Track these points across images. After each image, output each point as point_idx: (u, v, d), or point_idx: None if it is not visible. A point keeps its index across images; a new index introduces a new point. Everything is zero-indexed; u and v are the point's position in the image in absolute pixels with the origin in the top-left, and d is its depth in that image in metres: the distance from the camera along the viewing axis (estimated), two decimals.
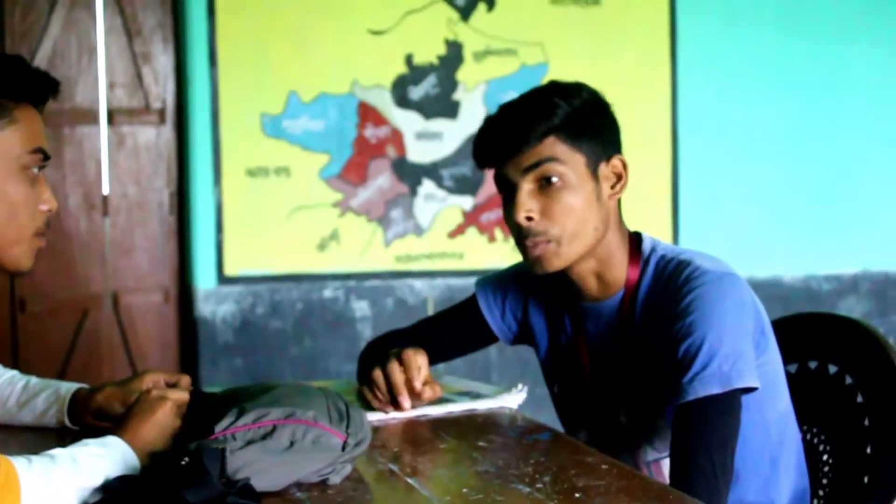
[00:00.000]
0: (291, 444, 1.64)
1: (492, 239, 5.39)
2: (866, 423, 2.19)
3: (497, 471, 1.73)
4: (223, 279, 5.11)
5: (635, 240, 2.14)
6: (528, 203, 2.01)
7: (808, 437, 2.32)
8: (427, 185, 5.32)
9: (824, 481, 2.28)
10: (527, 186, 2.01)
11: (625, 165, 2.08)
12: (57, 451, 1.56)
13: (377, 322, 5.28)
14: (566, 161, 2.00)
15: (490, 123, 2.08)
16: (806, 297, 5.62)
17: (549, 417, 2.31)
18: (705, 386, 1.90)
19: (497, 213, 5.37)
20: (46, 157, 1.76)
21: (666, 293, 2.03)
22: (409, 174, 5.30)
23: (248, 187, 5.12)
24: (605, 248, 2.08)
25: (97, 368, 5.00)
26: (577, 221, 2.02)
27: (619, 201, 2.11)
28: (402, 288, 5.32)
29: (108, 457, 1.60)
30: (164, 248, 5.19)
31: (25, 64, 1.75)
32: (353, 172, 5.23)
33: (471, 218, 5.38)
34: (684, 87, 5.44)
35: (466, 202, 5.37)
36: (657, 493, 1.60)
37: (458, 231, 5.37)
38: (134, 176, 5.08)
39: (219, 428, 1.64)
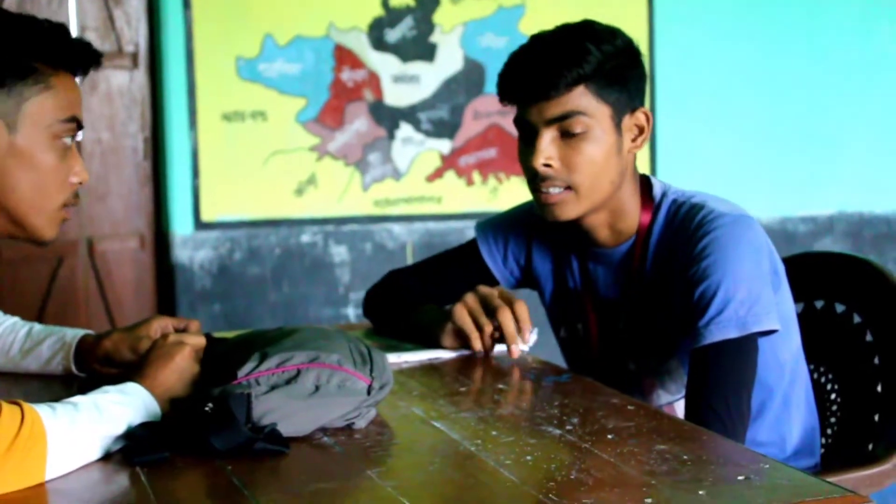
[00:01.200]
0: (316, 388, 1.61)
1: (470, 182, 5.36)
2: (876, 361, 2.19)
3: (523, 413, 1.72)
4: (200, 225, 5.06)
5: (646, 185, 2.11)
6: (548, 150, 1.98)
7: (815, 376, 2.32)
8: (405, 129, 5.28)
9: (832, 420, 2.29)
10: (549, 134, 1.98)
11: (648, 118, 2.04)
12: (78, 399, 1.53)
13: (356, 267, 5.25)
14: (592, 114, 1.96)
15: (518, 61, 2.00)
16: (782, 238, 5.64)
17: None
18: (721, 330, 1.89)
19: (475, 157, 5.34)
20: (80, 127, 1.72)
21: (679, 237, 2.01)
22: (387, 118, 5.25)
23: (223, 132, 5.06)
24: (619, 199, 2.06)
25: (73, 315, 4.94)
26: (596, 173, 1.99)
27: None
28: (380, 232, 5.29)
29: (129, 404, 1.57)
30: (139, 194, 5.12)
31: (67, 32, 1.70)
32: (329, 116, 5.18)
33: (449, 161, 5.34)
34: (661, 26, 5.41)
35: (444, 146, 5.33)
36: (689, 433, 1.58)
37: (437, 175, 5.33)
38: (107, 121, 5.00)
39: (242, 373, 1.61)
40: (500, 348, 2.15)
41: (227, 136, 5.06)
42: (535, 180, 2.02)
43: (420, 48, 5.27)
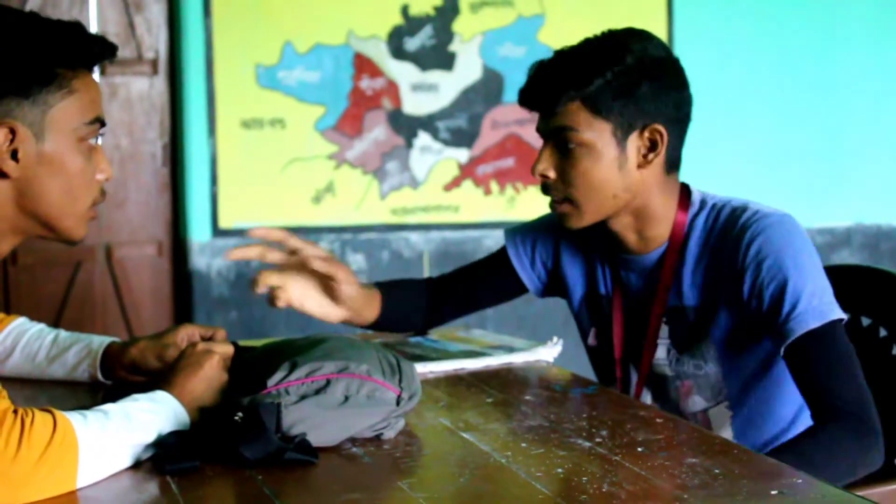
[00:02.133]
0: (346, 398, 1.61)
1: (487, 192, 5.36)
2: None
3: (551, 425, 1.71)
4: (218, 232, 5.06)
5: (685, 192, 2.11)
6: (544, 162, 2.03)
7: None
8: (423, 138, 5.28)
9: None
10: (548, 147, 2.04)
11: (662, 136, 2.01)
12: (109, 407, 1.53)
13: (372, 275, 5.24)
14: (587, 129, 1.97)
15: (532, 72, 2.05)
16: None
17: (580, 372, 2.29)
18: (801, 323, 1.88)
19: (493, 166, 5.35)
20: (103, 125, 1.71)
21: (724, 239, 2.01)
22: (405, 126, 5.25)
23: (242, 139, 5.06)
24: (643, 209, 2.05)
25: (90, 321, 4.95)
26: (592, 188, 2.00)
27: (667, 162, 2.05)
28: (397, 241, 5.29)
29: (159, 412, 1.57)
30: (157, 201, 5.13)
31: (83, 31, 1.69)
32: (348, 124, 5.18)
33: (466, 170, 5.34)
34: (680, 40, 5.40)
35: (462, 155, 5.33)
36: (720, 446, 1.58)
37: (454, 184, 5.33)
38: (126, 127, 5.01)
39: (271, 382, 1.61)
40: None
41: (245, 144, 5.06)
42: (543, 189, 2.08)
43: (439, 57, 5.27)
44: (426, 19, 5.24)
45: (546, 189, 2.06)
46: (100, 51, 1.69)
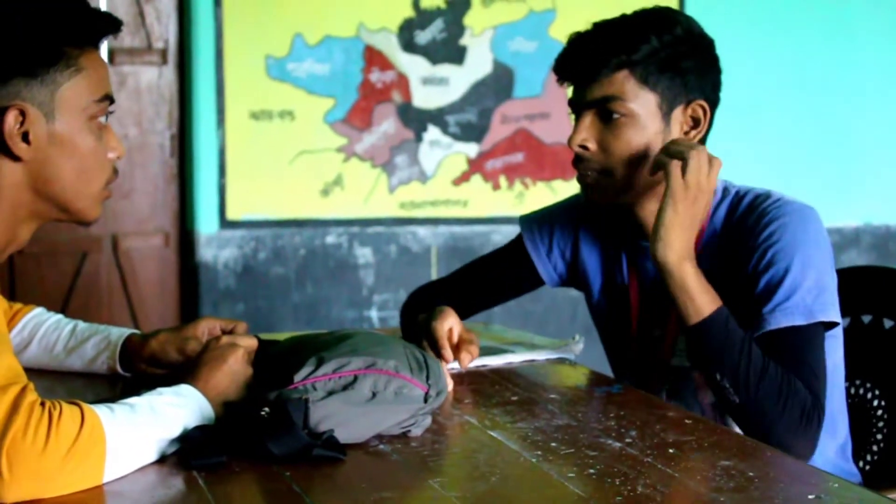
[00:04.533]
0: (373, 394, 1.59)
1: (496, 187, 5.34)
2: None
3: (579, 425, 1.69)
4: (225, 223, 5.04)
5: None
6: (584, 132, 1.99)
7: (861, 391, 2.30)
8: (432, 132, 5.26)
9: (878, 436, 2.26)
10: (588, 117, 1.99)
11: (705, 112, 2.01)
12: (135, 400, 1.50)
13: (380, 269, 5.23)
14: (633, 99, 1.95)
15: (573, 42, 2.02)
16: None
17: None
18: (787, 316, 1.87)
19: (502, 161, 5.33)
20: (112, 102, 1.69)
21: (743, 225, 1.99)
22: (415, 120, 5.23)
23: (251, 130, 5.04)
24: None
25: (96, 312, 4.93)
26: (633, 159, 1.98)
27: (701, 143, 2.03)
28: (405, 235, 5.27)
29: (185, 406, 1.55)
30: (164, 192, 5.10)
31: (87, 6, 1.66)
32: (357, 117, 5.16)
33: (476, 165, 5.32)
34: None
35: (471, 149, 5.31)
36: (751, 449, 1.56)
37: (463, 178, 5.31)
38: (135, 117, 4.99)
39: (298, 377, 1.59)
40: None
41: (254, 135, 5.04)
42: (575, 161, 2.03)
43: (450, 51, 5.25)
44: (437, 13, 5.21)
45: (579, 161, 2.01)
46: (104, 26, 1.66)
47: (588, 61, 1.97)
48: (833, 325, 1.92)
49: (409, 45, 5.19)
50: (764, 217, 1.95)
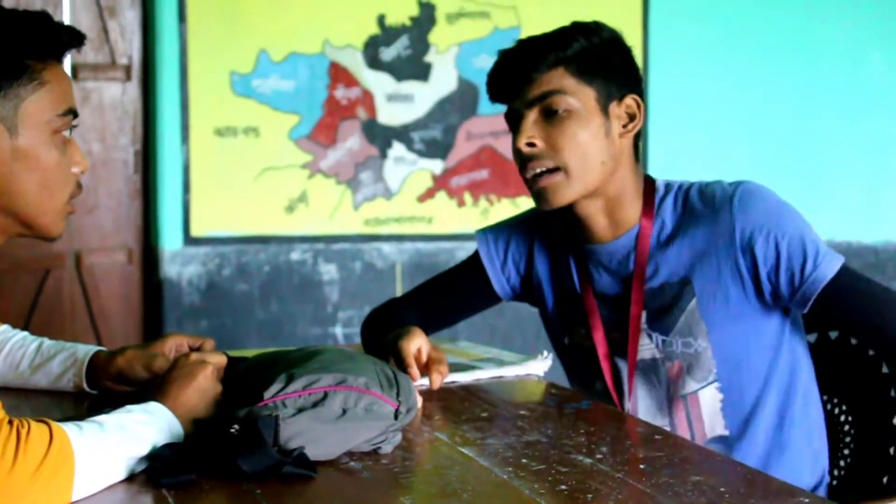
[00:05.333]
0: (344, 411, 1.59)
1: (461, 203, 5.34)
2: (892, 394, 2.18)
3: (549, 441, 1.69)
4: (189, 240, 5.02)
5: (649, 181, 2.14)
6: (530, 130, 2.02)
7: (829, 407, 2.31)
8: (397, 148, 5.25)
9: (846, 451, 2.27)
10: (532, 115, 2.02)
11: (639, 105, 2.08)
12: (103, 418, 1.49)
13: (345, 286, 5.22)
14: (574, 93, 2.01)
15: (504, 55, 2.08)
16: None
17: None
18: (829, 265, 1.98)
19: (467, 178, 5.33)
20: (76, 116, 1.68)
21: (706, 208, 2.07)
22: (380, 136, 5.23)
23: (215, 147, 5.02)
24: (616, 185, 2.08)
25: (58, 329, 4.88)
26: (583, 153, 2.02)
27: (636, 144, 2.11)
28: (370, 252, 5.26)
29: (153, 424, 1.54)
30: (128, 208, 5.07)
31: (50, 20, 1.65)
32: (322, 134, 5.15)
33: (441, 182, 5.32)
34: (655, 56, 5.40)
35: (436, 166, 5.31)
36: (720, 464, 1.57)
37: (428, 195, 5.31)
38: (99, 133, 4.96)
39: (268, 394, 1.58)
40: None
41: (218, 152, 5.02)
42: (524, 166, 2.05)
43: (415, 67, 5.25)
44: (402, 29, 5.22)
45: (527, 163, 2.04)
46: (68, 40, 1.65)
47: (524, 64, 2.02)
48: None
49: (374, 62, 5.19)
50: (733, 198, 2.07)
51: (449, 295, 2.40)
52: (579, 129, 2.01)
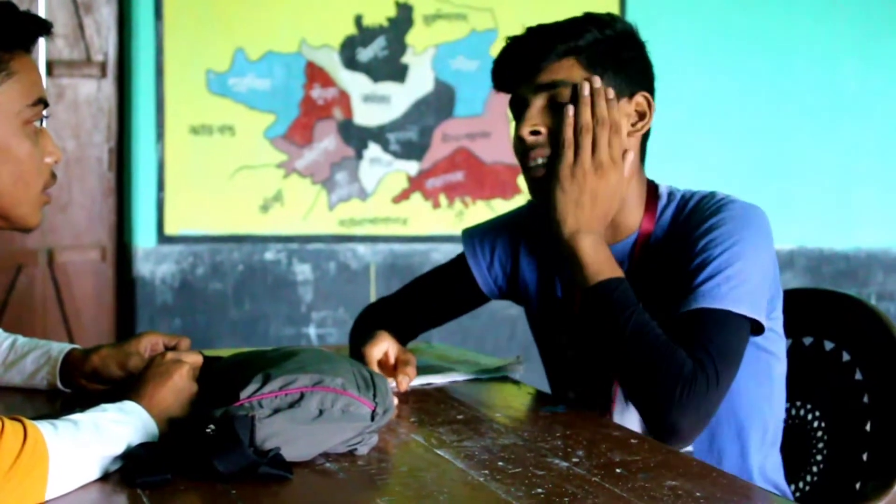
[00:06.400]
0: (320, 412, 1.58)
1: (436, 205, 5.34)
2: (865, 400, 2.19)
3: (526, 444, 1.69)
4: (163, 238, 5.00)
5: (652, 186, 2.08)
6: (535, 118, 1.96)
7: (802, 412, 2.31)
8: (373, 149, 5.25)
9: (818, 457, 2.28)
10: (538, 103, 1.97)
11: (650, 104, 2.02)
12: (78, 417, 1.48)
13: (319, 286, 5.21)
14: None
15: (513, 41, 2.01)
16: None
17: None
18: (698, 299, 1.85)
19: (442, 179, 5.33)
20: (46, 105, 1.67)
21: (688, 225, 1.98)
22: (356, 137, 5.23)
23: (191, 145, 5.01)
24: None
25: (29, 326, 4.85)
26: None
27: (643, 147, 2.05)
28: (344, 252, 5.25)
29: (128, 423, 1.53)
30: (102, 205, 5.05)
31: (15, 9, 1.64)
32: (298, 133, 5.14)
33: (416, 183, 5.32)
34: None
35: (412, 167, 5.31)
36: (697, 469, 1.57)
37: (403, 196, 5.31)
38: (73, 130, 4.93)
39: (244, 394, 1.57)
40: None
41: (193, 150, 5.01)
42: (525, 156, 1.99)
43: (391, 68, 5.25)
44: (379, 30, 5.22)
45: (529, 150, 1.97)
46: (35, 29, 1.65)
47: (532, 52, 1.96)
48: (759, 328, 1.91)
49: (350, 63, 5.19)
50: (706, 213, 1.96)
51: (435, 295, 2.36)
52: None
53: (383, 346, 2.09)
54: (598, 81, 1.94)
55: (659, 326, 1.86)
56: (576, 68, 1.95)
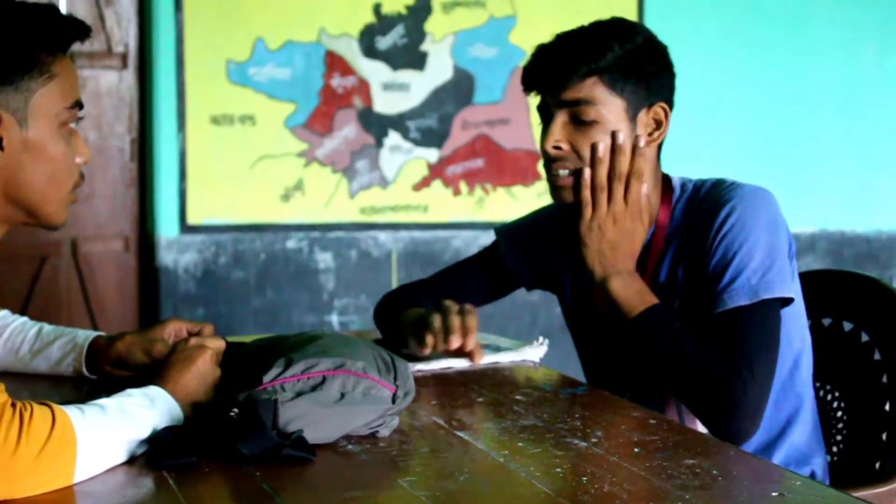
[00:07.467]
0: (342, 395, 1.61)
1: (457, 192, 5.35)
2: (884, 380, 2.20)
3: (545, 425, 1.71)
4: (186, 228, 5.03)
5: (667, 180, 2.16)
6: (558, 133, 2.06)
7: (822, 393, 2.33)
8: (393, 137, 5.27)
9: (838, 437, 2.29)
10: (561, 118, 2.06)
11: (666, 114, 2.10)
12: (105, 402, 1.51)
13: (340, 274, 5.23)
14: (604, 104, 2.04)
15: (540, 52, 2.09)
16: None
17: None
18: (733, 298, 1.96)
19: (462, 167, 5.34)
20: (81, 107, 1.69)
21: (700, 214, 2.07)
22: (375, 125, 5.24)
23: (212, 135, 5.03)
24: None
25: (55, 316, 4.89)
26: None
27: (659, 147, 2.13)
28: (365, 240, 5.28)
29: (154, 407, 1.55)
30: (124, 196, 5.08)
31: (59, 13, 1.67)
32: (318, 122, 5.16)
33: (436, 171, 5.33)
34: None
35: (432, 154, 5.32)
36: (714, 448, 1.58)
37: (423, 184, 5.32)
38: (95, 121, 4.96)
39: (267, 378, 1.60)
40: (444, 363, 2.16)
41: (215, 140, 5.04)
42: (548, 163, 2.10)
43: (410, 56, 5.26)
44: (398, 18, 5.23)
45: (552, 161, 2.08)
46: (75, 33, 1.67)
47: (557, 69, 2.04)
48: (789, 300, 2.00)
49: (370, 51, 5.21)
50: (717, 202, 2.04)
51: (468, 282, 2.44)
52: (605, 139, 2.03)
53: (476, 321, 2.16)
54: (621, 137, 2.03)
55: (683, 318, 2.00)
56: (598, 87, 2.03)
